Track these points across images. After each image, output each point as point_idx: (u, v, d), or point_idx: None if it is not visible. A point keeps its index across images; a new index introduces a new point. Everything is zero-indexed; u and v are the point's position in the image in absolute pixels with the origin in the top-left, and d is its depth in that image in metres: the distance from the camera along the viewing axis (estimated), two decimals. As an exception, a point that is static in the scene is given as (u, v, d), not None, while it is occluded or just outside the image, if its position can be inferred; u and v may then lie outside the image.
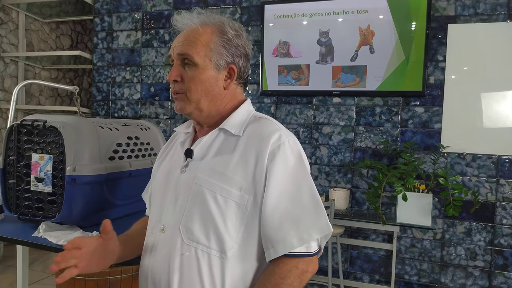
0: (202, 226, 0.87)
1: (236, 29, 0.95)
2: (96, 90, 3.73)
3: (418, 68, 2.82)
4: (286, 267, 0.84)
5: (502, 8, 2.72)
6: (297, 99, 3.17)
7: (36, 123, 1.36)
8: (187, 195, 0.90)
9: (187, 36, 0.93)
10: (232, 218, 0.86)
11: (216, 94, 0.94)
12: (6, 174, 1.41)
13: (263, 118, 0.96)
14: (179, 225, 0.89)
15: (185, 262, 0.86)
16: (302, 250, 0.85)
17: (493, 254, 2.76)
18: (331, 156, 3.10)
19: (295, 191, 0.87)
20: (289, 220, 0.85)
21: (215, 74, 0.93)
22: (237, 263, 0.86)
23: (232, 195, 0.86)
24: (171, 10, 3.47)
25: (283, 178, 0.86)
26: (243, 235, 0.86)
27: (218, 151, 0.92)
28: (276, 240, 0.84)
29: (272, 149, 0.87)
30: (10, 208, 1.42)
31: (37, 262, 3.37)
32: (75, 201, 1.33)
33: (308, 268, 0.86)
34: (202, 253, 0.86)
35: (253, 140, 0.89)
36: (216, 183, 0.87)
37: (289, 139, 0.89)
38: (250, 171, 0.87)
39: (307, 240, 0.85)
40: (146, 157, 1.67)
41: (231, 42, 0.93)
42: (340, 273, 2.88)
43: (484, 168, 2.76)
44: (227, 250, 0.85)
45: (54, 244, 1.24)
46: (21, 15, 3.75)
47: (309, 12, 3.06)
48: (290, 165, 0.87)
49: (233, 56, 0.94)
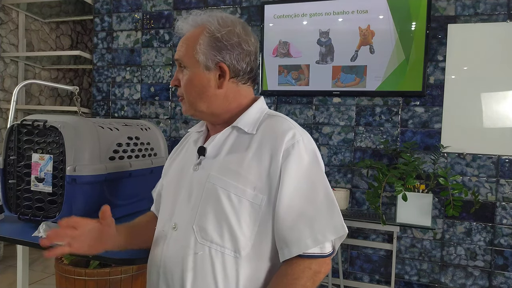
0: (216, 225, 0.86)
1: (228, 24, 0.91)
2: (96, 90, 3.73)
3: (418, 68, 2.82)
4: (299, 268, 0.83)
5: (502, 8, 2.72)
6: (297, 99, 3.17)
7: (36, 123, 1.36)
8: (200, 194, 0.89)
9: (182, 40, 0.94)
10: (246, 217, 0.85)
11: (211, 95, 0.92)
12: (6, 174, 1.41)
13: (277, 116, 0.94)
14: (193, 224, 0.88)
15: (199, 261, 0.86)
16: (316, 251, 0.84)
17: (493, 254, 2.76)
18: (331, 156, 3.10)
19: (309, 190, 0.86)
20: (304, 220, 0.83)
21: (206, 75, 0.91)
22: (251, 263, 0.85)
23: (246, 194, 0.85)
24: (171, 10, 3.47)
25: (298, 177, 0.85)
26: (257, 234, 0.86)
27: (231, 149, 0.91)
28: (290, 240, 0.83)
29: (286, 148, 0.86)
30: (10, 208, 1.42)
31: (37, 262, 3.37)
32: (76, 201, 1.33)
33: (321, 269, 0.85)
34: (216, 252, 0.85)
35: (267, 138, 0.88)
36: (230, 181, 0.86)
37: (304, 138, 0.88)
38: (264, 170, 0.86)
39: (321, 241, 0.84)
40: (146, 157, 1.67)
41: (220, 41, 0.90)
42: (340, 273, 2.88)
43: (484, 168, 2.76)
44: (241, 249, 0.85)
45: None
46: (21, 15, 3.75)
47: (309, 12, 3.06)
48: (305, 163, 0.86)
49: (223, 54, 0.90)
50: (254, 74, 0.98)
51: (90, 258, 1.23)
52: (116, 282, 2.20)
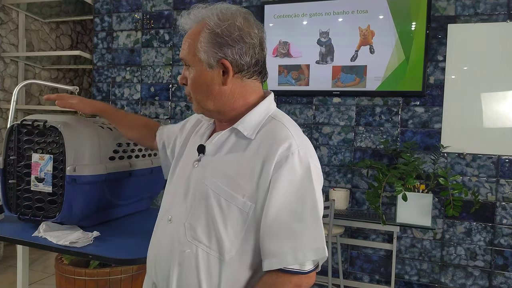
0: (205, 227, 0.87)
1: (228, 18, 0.87)
2: (96, 90, 3.73)
3: (418, 68, 2.82)
4: (280, 280, 0.84)
5: (502, 8, 2.72)
6: (297, 99, 3.17)
7: (36, 123, 1.36)
8: (195, 193, 0.91)
9: (185, 38, 0.93)
10: (233, 222, 0.86)
11: (217, 92, 0.91)
12: (7, 174, 1.41)
13: (277, 121, 0.91)
14: (185, 221, 0.90)
15: (186, 258, 0.88)
16: (295, 267, 0.83)
17: (493, 254, 2.76)
18: (331, 156, 3.10)
19: (297, 206, 0.83)
20: (287, 235, 0.83)
21: (209, 73, 0.89)
22: (234, 267, 0.86)
23: (236, 201, 0.85)
24: (171, 10, 3.47)
25: (288, 191, 0.83)
26: (242, 240, 0.86)
27: (229, 151, 0.91)
28: (271, 252, 0.83)
29: (279, 160, 0.83)
30: (10, 208, 1.42)
31: (37, 262, 3.37)
32: (75, 201, 1.33)
33: (302, 282, 0.85)
34: (202, 252, 0.87)
35: (263, 146, 0.86)
36: (222, 186, 0.87)
37: (300, 150, 0.85)
38: (254, 179, 0.85)
39: (301, 260, 0.83)
40: (146, 157, 1.67)
41: (220, 36, 0.87)
42: (340, 273, 2.88)
43: (484, 168, 2.76)
44: (225, 253, 0.86)
45: (54, 244, 1.24)
46: (21, 15, 3.75)
47: (309, 12, 3.06)
48: (297, 177, 0.84)
49: (225, 50, 0.87)
50: (261, 67, 0.93)
51: (90, 258, 1.23)
52: (116, 282, 2.20)
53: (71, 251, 1.22)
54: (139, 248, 1.26)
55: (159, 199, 2.29)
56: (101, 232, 1.35)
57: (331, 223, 2.55)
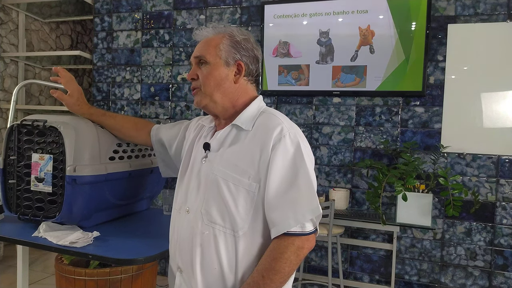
0: (219, 210, 1.03)
1: (245, 34, 1.12)
2: (96, 90, 3.73)
3: (418, 68, 2.82)
4: (284, 243, 0.99)
5: (502, 8, 2.72)
6: (297, 99, 3.17)
7: (36, 123, 1.36)
8: (206, 183, 1.07)
9: (203, 43, 1.12)
10: (242, 202, 1.02)
11: (227, 87, 1.10)
12: (6, 174, 1.41)
13: (268, 113, 1.10)
14: (201, 208, 1.06)
15: (205, 239, 1.04)
16: (297, 230, 0.99)
17: (493, 254, 2.76)
18: (331, 156, 3.10)
19: (293, 177, 1.00)
20: (287, 203, 0.99)
21: (225, 70, 1.09)
22: (247, 240, 1.02)
23: (243, 183, 1.02)
24: (171, 10, 3.47)
25: (283, 166, 1.00)
26: (252, 216, 1.02)
27: (231, 144, 1.08)
28: (276, 220, 0.99)
29: (274, 143, 1.01)
30: (10, 208, 1.42)
31: (37, 262, 3.37)
32: (75, 201, 1.33)
33: (304, 244, 1.00)
34: (219, 232, 1.03)
35: (259, 134, 1.05)
36: (229, 173, 1.03)
37: (290, 132, 1.03)
38: (256, 162, 1.02)
39: (301, 221, 0.99)
40: (146, 157, 1.67)
41: (239, 44, 1.10)
42: (340, 273, 2.88)
43: (484, 168, 2.76)
44: (239, 230, 1.02)
45: (54, 244, 1.24)
46: (21, 15, 3.75)
47: (309, 12, 3.06)
48: (289, 155, 1.01)
49: (241, 55, 1.10)
50: (257, 76, 1.17)
51: (90, 258, 1.23)
52: (116, 282, 2.20)
53: (71, 251, 1.22)
54: (139, 248, 1.27)
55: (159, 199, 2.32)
56: (101, 232, 1.35)
57: (331, 223, 2.55)
